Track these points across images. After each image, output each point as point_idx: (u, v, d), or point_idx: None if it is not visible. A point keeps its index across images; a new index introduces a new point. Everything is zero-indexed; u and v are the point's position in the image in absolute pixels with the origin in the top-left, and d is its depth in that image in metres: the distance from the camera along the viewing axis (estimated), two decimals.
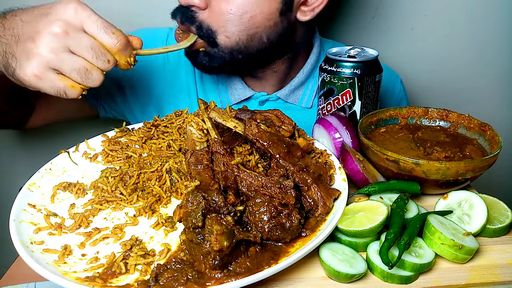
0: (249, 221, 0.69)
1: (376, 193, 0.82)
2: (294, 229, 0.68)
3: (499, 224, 0.75)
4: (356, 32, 1.58)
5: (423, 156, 0.84)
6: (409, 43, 1.62)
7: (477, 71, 1.70)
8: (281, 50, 1.14)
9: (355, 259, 0.67)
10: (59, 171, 0.89)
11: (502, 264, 0.70)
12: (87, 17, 0.78)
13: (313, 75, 1.24)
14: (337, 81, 0.96)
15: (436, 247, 0.68)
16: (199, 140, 0.85)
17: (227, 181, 0.75)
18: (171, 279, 0.62)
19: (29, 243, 0.69)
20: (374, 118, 0.96)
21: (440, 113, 0.96)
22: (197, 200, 0.67)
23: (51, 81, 0.78)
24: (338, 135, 0.91)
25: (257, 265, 0.64)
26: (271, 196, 0.71)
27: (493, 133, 0.87)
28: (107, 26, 0.79)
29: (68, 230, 0.74)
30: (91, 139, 0.98)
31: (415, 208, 0.77)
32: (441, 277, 0.67)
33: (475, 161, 0.77)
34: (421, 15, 1.58)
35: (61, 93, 0.80)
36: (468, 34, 1.63)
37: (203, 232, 0.63)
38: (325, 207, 0.74)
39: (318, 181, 0.76)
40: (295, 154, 0.81)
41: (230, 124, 0.86)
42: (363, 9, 1.55)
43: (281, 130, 0.88)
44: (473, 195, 0.77)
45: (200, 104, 0.90)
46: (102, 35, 0.78)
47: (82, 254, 0.69)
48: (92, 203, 0.80)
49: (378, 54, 0.98)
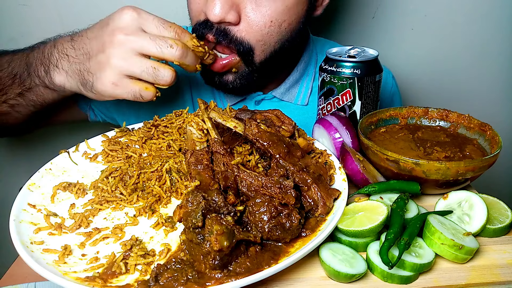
0: (249, 221, 0.69)
1: (376, 193, 0.82)
2: (294, 229, 0.68)
3: (499, 224, 0.75)
4: (356, 32, 1.59)
5: (423, 156, 0.84)
6: (409, 43, 1.62)
7: (477, 71, 1.70)
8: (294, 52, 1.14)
9: (355, 259, 0.67)
10: (59, 171, 0.89)
11: (502, 264, 0.70)
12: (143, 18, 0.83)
13: (307, 73, 1.24)
14: (337, 81, 0.96)
15: (436, 247, 0.68)
16: (199, 140, 0.85)
17: (227, 181, 0.75)
18: (171, 279, 0.62)
19: (29, 243, 0.69)
20: (374, 118, 0.96)
21: (440, 113, 0.96)
22: (197, 200, 0.67)
23: (127, 87, 0.84)
24: (338, 135, 0.91)
25: (257, 265, 0.63)
26: (271, 196, 0.71)
27: (493, 133, 0.87)
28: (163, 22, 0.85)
29: (68, 230, 0.74)
30: (91, 139, 0.98)
31: (415, 208, 0.77)
32: (441, 277, 0.67)
33: (475, 161, 0.77)
34: (421, 15, 1.58)
35: (137, 97, 0.86)
36: (468, 34, 1.63)
37: (203, 232, 0.63)
38: (325, 207, 0.74)
39: (318, 181, 0.76)
40: (295, 154, 0.81)
41: (230, 124, 0.86)
42: (363, 9, 1.56)
43: (281, 130, 0.88)
44: (473, 195, 0.77)
45: (200, 104, 0.90)
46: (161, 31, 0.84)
47: (82, 254, 0.69)
48: (92, 203, 0.80)
49: (378, 54, 0.98)
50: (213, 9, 0.93)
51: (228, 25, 0.97)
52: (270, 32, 0.99)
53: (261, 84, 1.18)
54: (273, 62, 1.05)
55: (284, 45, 1.03)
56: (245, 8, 0.96)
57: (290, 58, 1.15)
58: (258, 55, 1.01)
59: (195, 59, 0.91)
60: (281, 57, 1.06)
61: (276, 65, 1.09)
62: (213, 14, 0.94)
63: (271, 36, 0.99)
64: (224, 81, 1.05)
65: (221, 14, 0.94)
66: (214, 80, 1.07)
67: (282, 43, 1.02)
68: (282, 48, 1.04)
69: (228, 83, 1.05)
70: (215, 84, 1.07)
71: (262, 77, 1.08)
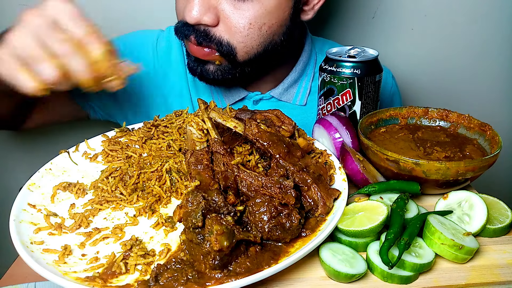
0: (249, 221, 0.69)
1: (376, 193, 0.81)
2: (294, 229, 0.68)
3: (499, 224, 0.75)
4: (356, 32, 1.58)
5: (423, 156, 0.84)
6: (409, 43, 1.62)
7: (477, 71, 1.70)
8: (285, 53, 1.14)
9: (355, 259, 0.67)
10: (59, 171, 0.89)
11: (502, 264, 0.70)
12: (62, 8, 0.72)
13: (306, 73, 1.24)
14: (337, 81, 0.96)
15: (436, 247, 0.68)
16: (199, 140, 0.85)
17: (227, 181, 0.75)
18: (171, 279, 0.62)
19: (29, 243, 0.69)
20: (374, 118, 0.96)
21: (440, 113, 0.96)
22: (197, 200, 0.67)
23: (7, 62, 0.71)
24: (338, 135, 0.91)
25: (257, 265, 0.63)
26: (271, 196, 0.71)
27: (493, 133, 0.87)
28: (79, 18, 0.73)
29: (68, 230, 0.74)
30: (91, 139, 0.98)
31: (415, 208, 0.77)
32: (441, 277, 0.67)
33: (475, 161, 0.77)
34: (421, 15, 1.58)
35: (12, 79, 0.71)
36: (468, 34, 1.63)
37: (203, 232, 0.63)
38: (325, 207, 0.74)
39: (318, 181, 0.76)
40: (295, 154, 0.81)
41: (230, 124, 0.86)
42: (363, 9, 1.55)
43: (281, 130, 0.88)
44: (473, 195, 0.77)
45: (200, 104, 0.90)
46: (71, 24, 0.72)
47: (82, 254, 0.69)
48: (92, 203, 0.80)
49: (378, 54, 0.98)
50: (189, 11, 0.96)
51: (205, 26, 0.99)
52: (251, 35, 0.99)
53: (248, 81, 1.19)
54: (258, 63, 1.06)
55: (267, 47, 1.04)
56: (224, 10, 0.98)
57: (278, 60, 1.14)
58: (241, 55, 1.02)
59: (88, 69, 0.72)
60: (266, 59, 1.07)
61: (261, 67, 1.10)
62: (190, 16, 0.96)
63: (252, 38, 1.00)
64: (205, 70, 1.06)
65: (198, 16, 0.96)
66: (196, 69, 1.08)
67: (265, 46, 1.03)
68: (266, 51, 1.04)
69: (209, 73, 1.06)
70: (197, 73, 1.08)
71: (246, 75, 1.09)
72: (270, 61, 1.10)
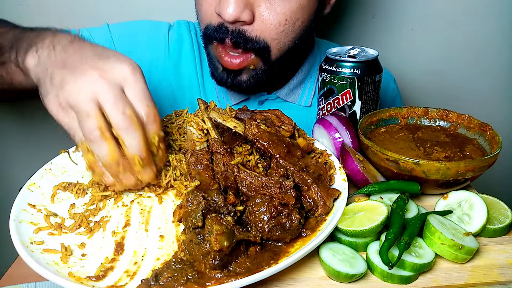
0: (249, 221, 0.69)
1: (376, 193, 0.81)
2: (294, 229, 0.68)
3: (499, 224, 0.75)
4: (356, 32, 1.59)
5: (423, 156, 0.84)
6: (409, 43, 1.62)
7: (477, 71, 1.70)
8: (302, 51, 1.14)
9: (355, 259, 0.67)
10: (59, 171, 0.89)
11: (502, 264, 0.70)
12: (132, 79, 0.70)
13: (311, 74, 1.24)
14: (337, 81, 0.96)
15: (436, 247, 0.68)
16: (199, 140, 0.85)
17: (227, 181, 0.75)
18: (171, 279, 0.62)
19: (29, 243, 0.68)
20: (374, 118, 0.96)
21: (440, 113, 0.96)
22: (197, 200, 0.67)
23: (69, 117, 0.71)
24: (338, 135, 0.91)
25: (257, 265, 0.63)
26: (271, 196, 0.71)
27: (493, 133, 0.87)
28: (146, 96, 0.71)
29: (68, 230, 0.74)
30: None
31: (415, 208, 0.77)
32: (441, 277, 0.67)
33: (475, 161, 0.77)
34: (421, 15, 1.58)
35: (71, 134, 0.74)
36: (468, 34, 1.63)
37: (203, 232, 0.63)
38: (325, 207, 0.74)
39: (318, 181, 0.76)
40: (295, 154, 0.81)
41: (230, 124, 0.86)
42: (363, 9, 1.56)
43: (281, 130, 0.88)
44: (473, 195, 0.77)
45: (200, 104, 0.90)
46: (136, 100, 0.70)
47: (82, 254, 0.69)
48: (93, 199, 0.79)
49: (378, 54, 0.98)
50: (227, 8, 0.93)
51: (242, 25, 0.97)
52: (285, 31, 0.99)
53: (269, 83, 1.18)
54: (285, 60, 1.06)
55: (297, 43, 1.04)
56: (259, 7, 0.96)
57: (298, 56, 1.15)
58: (274, 53, 1.02)
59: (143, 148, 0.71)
60: (292, 55, 1.06)
61: (286, 64, 1.09)
62: (228, 13, 0.93)
63: (286, 34, 0.99)
64: (238, 81, 1.05)
65: (236, 13, 0.93)
66: (226, 81, 1.06)
67: (295, 41, 1.03)
68: (295, 47, 1.04)
69: (242, 82, 1.05)
70: (228, 84, 1.06)
71: (273, 75, 1.08)
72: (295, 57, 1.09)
